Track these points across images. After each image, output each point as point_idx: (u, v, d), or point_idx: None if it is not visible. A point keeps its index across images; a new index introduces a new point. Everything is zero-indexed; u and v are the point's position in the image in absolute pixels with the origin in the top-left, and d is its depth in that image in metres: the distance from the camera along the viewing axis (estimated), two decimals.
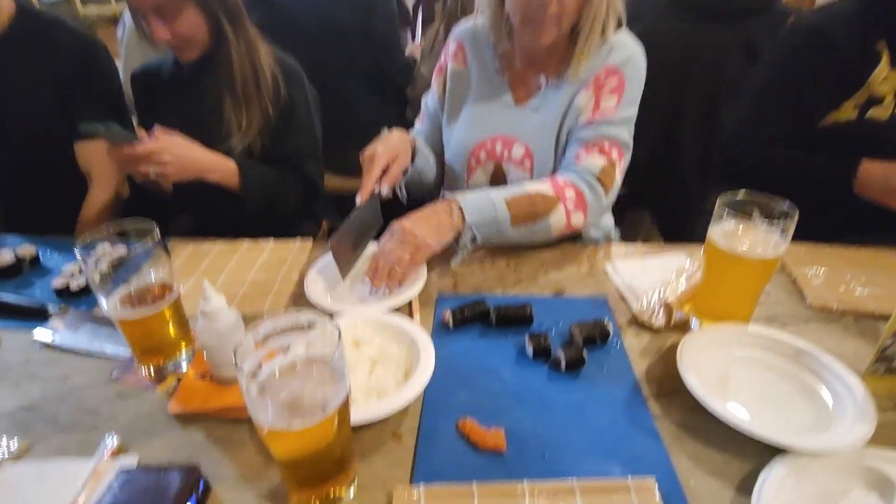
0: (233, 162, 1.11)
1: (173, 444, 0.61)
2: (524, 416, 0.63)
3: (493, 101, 1.07)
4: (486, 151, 1.07)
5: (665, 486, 0.53)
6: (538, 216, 0.90)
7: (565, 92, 1.00)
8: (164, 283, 0.69)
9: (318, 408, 0.45)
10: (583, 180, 0.95)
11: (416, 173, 1.08)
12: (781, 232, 0.67)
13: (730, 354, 0.69)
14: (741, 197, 0.70)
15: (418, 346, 0.69)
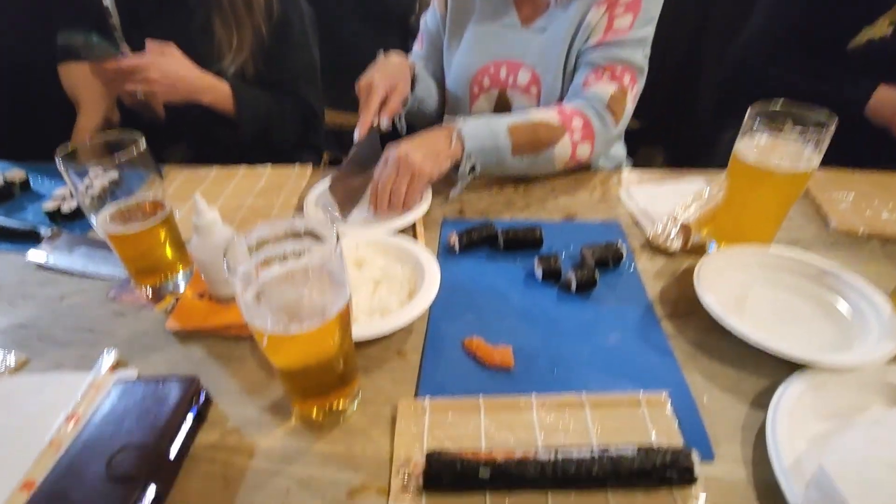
0: (226, 84, 1.05)
1: (172, 360, 0.59)
2: (532, 336, 0.61)
3: (498, 22, 0.99)
4: (489, 77, 1.00)
5: (678, 401, 0.52)
6: (541, 146, 0.85)
7: (575, 10, 0.91)
8: (156, 201, 0.66)
9: (317, 313, 0.43)
10: (591, 108, 0.89)
11: (417, 103, 1.02)
12: (815, 145, 0.62)
13: (749, 275, 0.66)
14: (774, 107, 0.64)
15: (423, 266, 0.66)
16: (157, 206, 0.66)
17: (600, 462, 0.43)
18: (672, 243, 0.74)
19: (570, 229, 0.80)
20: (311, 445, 0.49)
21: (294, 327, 0.42)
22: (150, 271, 0.68)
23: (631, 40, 0.89)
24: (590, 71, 0.91)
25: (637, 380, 0.54)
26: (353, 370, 0.52)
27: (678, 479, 0.43)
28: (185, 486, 0.46)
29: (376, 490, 0.45)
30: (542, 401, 0.51)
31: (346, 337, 0.48)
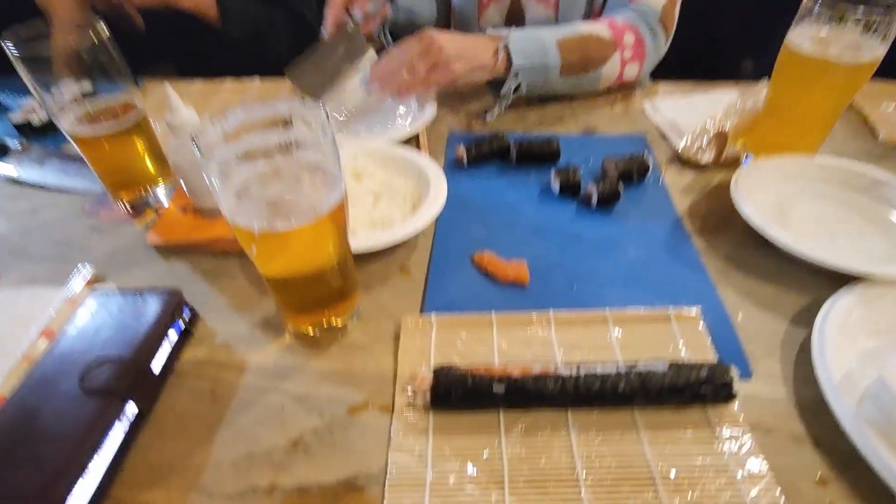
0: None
1: (155, 276, 0.54)
2: (549, 251, 0.55)
3: None
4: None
5: (710, 318, 0.47)
6: (591, 64, 0.76)
7: None
8: (128, 103, 0.58)
9: (308, 210, 0.37)
10: (644, 23, 0.79)
11: (406, 13, 0.91)
12: (881, 32, 0.53)
13: (792, 187, 0.59)
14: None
15: (428, 177, 0.60)
16: (128, 108, 0.58)
17: (627, 378, 0.39)
18: (703, 155, 0.67)
19: (590, 143, 0.73)
20: (307, 362, 0.45)
21: (281, 224, 0.36)
22: (128, 184, 0.62)
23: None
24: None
25: (665, 296, 0.49)
26: (352, 284, 0.47)
27: (714, 395, 0.39)
28: (170, 403, 0.42)
29: (379, 407, 0.41)
30: (562, 317, 0.47)
31: (341, 242, 0.42)
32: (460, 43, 0.71)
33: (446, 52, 0.69)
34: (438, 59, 0.69)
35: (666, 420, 0.39)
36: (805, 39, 0.56)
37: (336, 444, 0.39)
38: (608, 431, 0.39)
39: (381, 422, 0.40)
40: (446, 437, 0.39)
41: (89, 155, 0.59)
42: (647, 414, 0.40)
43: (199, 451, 0.39)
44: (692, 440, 0.38)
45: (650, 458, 0.37)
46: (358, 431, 0.40)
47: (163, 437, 0.40)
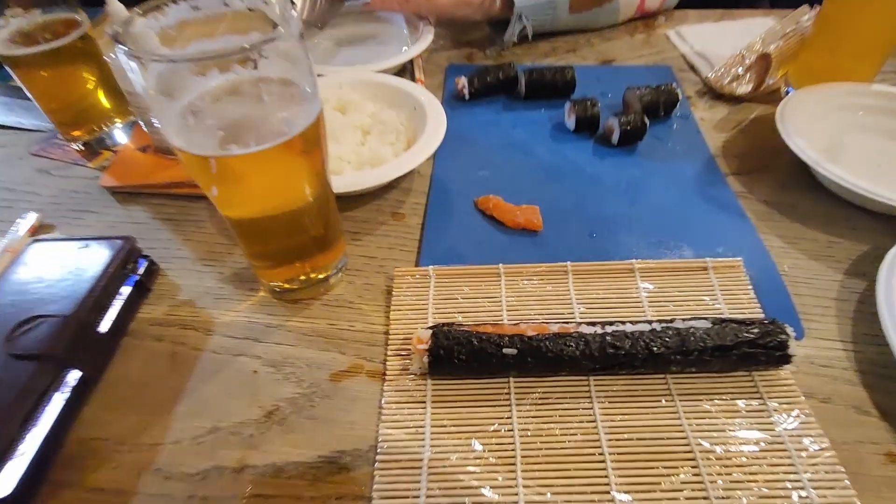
0: None
1: (110, 223, 0.47)
2: (564, 195, 0.48)
3: None
4: None
5: (754, 269, 0.40)
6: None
7: None
8: (69, 18, 0.49)
9: (274, 130, 0.29)
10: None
11: None
12: None
13: (844, 120, 0.51)
14: None
15: (424, 109, 0.51)
16: (70, 25, 0.49)
17: (663, 337, 0.32)
18: (740, 86, 0.58)
19: (610, 74, 0.64)
20: (284, 322, 0.39)
21: (239, 147, 0.29)
22: (79, 120, 0.53)
23: None
24: None
25: (699, 245, 0.43)
26: (335, 232, 0.40)
27: (766, 358, 0.33)
28: (122, 370, 0.36)
29: (367, 373, 0.35)
30: (581, 268, 0.40)
31: (319, 178, 0.35)
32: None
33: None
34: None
35: (705, 387, 0.33)
36: None
37: (317, 416, 0.33)
38: (638, 401, 0.33)
39: (370, 390, 0.34)
40: (447, 409, 0.33)
41: (29, 83, 0.50)
42: (682, 380, 0.34)
43: (155, 424, 0.33)
44: (737, 411, 0.32)
45: (688, 431, 0.31)
46: (343, 401, 0.34)
47: (112, 409, 0.34)
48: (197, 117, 0.30)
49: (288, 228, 0.36)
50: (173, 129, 0.29)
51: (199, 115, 0.30)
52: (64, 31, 0.49)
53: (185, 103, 0.30)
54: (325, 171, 0.35)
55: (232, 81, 0.30)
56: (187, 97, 0.30)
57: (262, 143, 0.29)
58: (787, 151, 0.46)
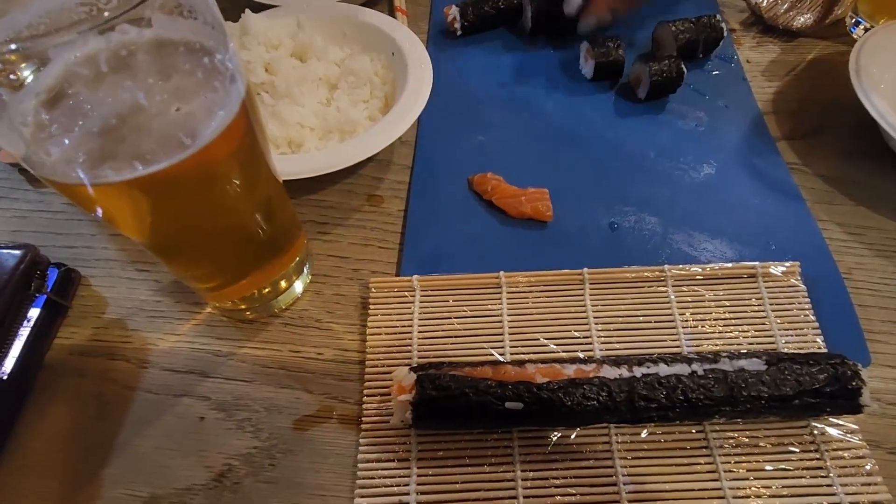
0: None
1: (14, 211, 0.38)
2: (579, 171, 0.39)
3: None
4: None
5: (812, 271, 0.33)
6: None
7: None
8: None
9: (174, 135, 0.20)
10: None
11: None
12: None
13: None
14: None
15: (405, 57, 0.41)
16: None
17: (705, 386, 0.26)
18: (798, 17, 0.47)
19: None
20: (236, 348, 0.32)
21: (120, 173, 0.20)
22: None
23: None
24: None
25: (746, 240, 0.35)
26: (290, 229, 0.32)
27: (833, 407, 0.26)
28: (38, 418, 0.29)
29: (339, 418, 0.29)
30: (600, 276, 0.32)
31: (253, 176, 0.26)
32: None
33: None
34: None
35: (750, 438, 0.27)
36: None
37: (278, 479, 0.27)
38: (669, 455, 0.27)
39: (343, 441, 0.28)
40: (436, 468, 0.27)
41: None
42: (723, 429, 0.28)
43: (79, 493, 0.27)
44: (789, 470, 0.26)
45: (729, 497, 0.26)
46: (310, 457, 0.28)
47: (26, 474, 0.28)
48: (54, 117, 0.20)
49: (220, 242, 0.28)
50: (22, 134, 0.20)
51: (58, 113, 0.20)
52: None
53: (41, 89, 0.20)
54: (264, 161, 0.26)
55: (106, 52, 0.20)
56: (43, 77, 0.20)
57: (161, 156, 0.20)
58: (853, 109, 0.37)
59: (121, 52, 0.19)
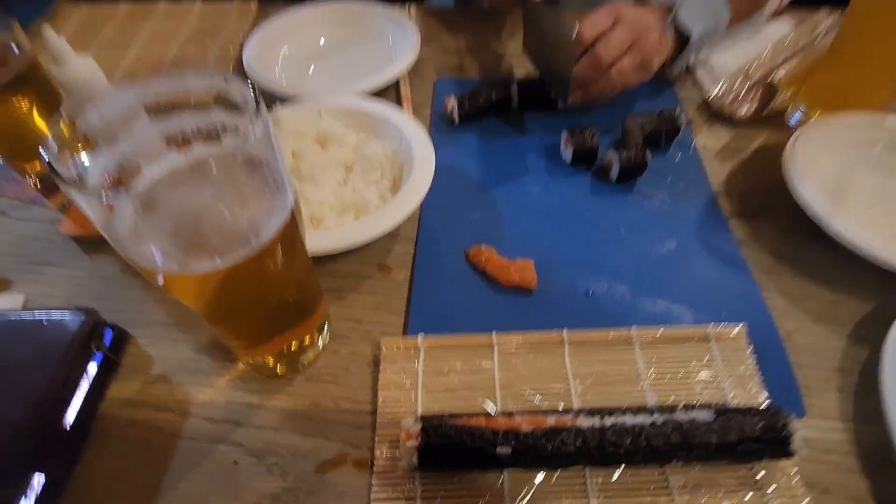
0: None
1: (73, 277, 0.44)
2: (560, 242, 0.45)
3: None
4: None
5: (756, 335, 0.38)
6: (756, 6, 0.61)
7: None
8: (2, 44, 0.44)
9: (241, 237, 0.26)
10: None
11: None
12: None
13: (856, 157, 0.49)
14: None
15: (411, 144, 0.48)
16: (4, 55, 0.44)
17: (665, 432, 0.31)
18: (741, 107, 0.55)
19: None
20: (265, 400, 0.37)
21: (200, 264, 0.26)
22: (28, 152, 0.49)
23: None
24: None
25: (701, 304, 0.41)
26: (315, 296, 0.37)
27: (769, 452, 0.31)
28: (95, 463, 0.34)
29: (353, 462, 0.34)
30: (577, 337, 0.38)
31: (294, 258, 0.32)
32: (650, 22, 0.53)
33: (652, 39, 0.52)
34: (650, 52, 0.52)
35: (705, 478, 0.32)
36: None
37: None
38: (635, 494, 0.32)
39: (357, 483, 0.33)
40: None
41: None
42: (681, 471, 0.32)
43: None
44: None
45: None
46: (329, 497, 0.32)
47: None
48: (150, 216, 0.26)
49: (260, 309, 0.33)
50: (121, 230, 0.26)
51: (153, 214, 0.27)
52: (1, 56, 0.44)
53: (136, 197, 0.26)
54: (299, 244, 0.32)
55: (185, 166, 0.26)
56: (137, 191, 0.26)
57: (229, 255, 0.26)
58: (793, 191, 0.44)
59: (197, 165, 0.26)
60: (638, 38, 0.51)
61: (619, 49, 0.51)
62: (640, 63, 0.52)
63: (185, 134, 0.28)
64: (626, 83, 0.53)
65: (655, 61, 0.53)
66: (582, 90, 0.53)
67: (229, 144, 0.25)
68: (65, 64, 0.39)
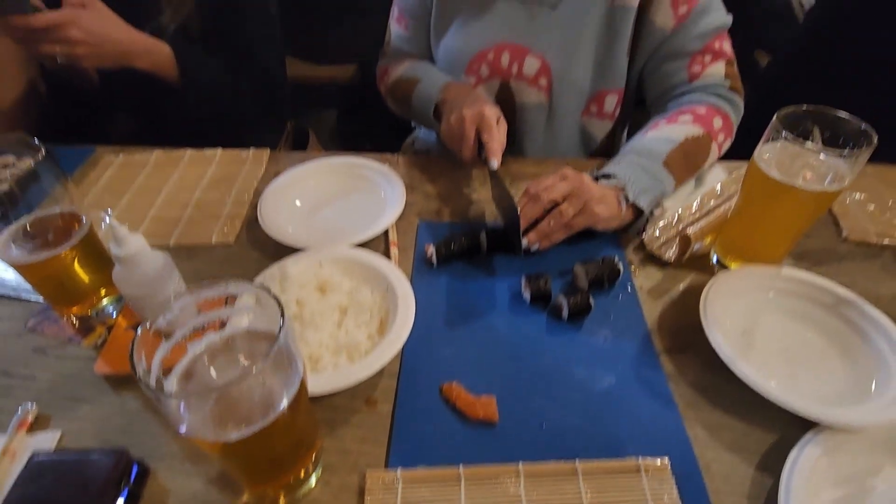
0: (166, 45, 0.89)
1: (103, 414, 0.51)
2: (519, 378, 0.54)
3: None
4: (487, 65, 0.84)
5: (679, 464, 0.46)
6: (696, 167, 0.74)
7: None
8: (71, 213, 0.55)
9: (260, 411, 0.35)
10: (721, 98, 0.77)
11: None
12: (849, 161, 0.53)
13: (759, 302, 0.60)
14: (803, 112, 0.55)
15: (395, 291, 0.58)
16: (72, 221, 0.55)
17: None
18: (668, 252, 0.67)
19: None
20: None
21: (233, 434, 0.34)
22: (73, 299, 0.58)
23: (705, 1, 0.76)
24: (688, 61, 0.78)
25: (635, 435, 0.49)
26: (313, 433, 0.45)
27: None
28: None
29: None
30: (531, 469, 0.46)
31: (300, 413, 0.40)
32: (602, 193, 0.65)
33: (592, 192, 0.63)
34: (586, 200, 0.63)
35: None
36: (771, 160, 0.56)
37: None
38: None
39: None
40: None
41: (28, 275, 0.55)
42: None
43: None
44: None
45: None
46: None
47: None
48: (190, 405, 0.35)
49: (268, 450, 0.41)
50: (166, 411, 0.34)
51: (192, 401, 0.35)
52: (66, 228, 0.54)
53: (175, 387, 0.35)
54: (305, 403, 0.40)
55: (218, 342, 0.36)
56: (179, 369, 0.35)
57: (254, 426, 0.34)
58: None
59: (227, 341, 0.35)
60: (578, 188, 0.63)
61: (558, 192, 0.63)
62: (581, 208, 0.63)
63: (223, 324, 0.38)
64: (569, 225, 0.64)
65: (598, 209, 0.64)
66: (533, 232, 0.65)
67: (258, 336, 0.34)
68: (123, 244, 0.49)
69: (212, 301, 0.37)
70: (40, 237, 0.53)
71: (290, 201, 0.75)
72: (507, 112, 0.82)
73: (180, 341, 0.37)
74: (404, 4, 0.92)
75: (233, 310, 0.38)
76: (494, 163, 0.69)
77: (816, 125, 0.56)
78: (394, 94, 0.92)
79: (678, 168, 0.70)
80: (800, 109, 0.56)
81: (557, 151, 0.91)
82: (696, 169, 0.74)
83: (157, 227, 0.72)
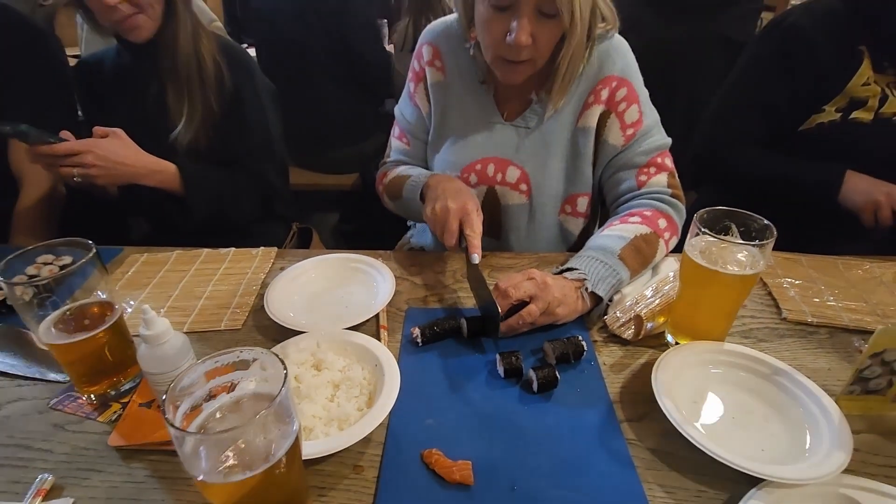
0: (172, 165, 1.05)
1: (113, 483, 0.56)
2: (493, 445, 0.60)
3: (481, 119, 0.98)
4: (476, 174, 0.99)
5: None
6: (648, 261, 0.85)
7: (567, 113, 0.94)
8: (105, 302, 0.64)
9: (261, 457, 0.41)
10: (663, 203, 0.90)
11: None
12: (760, 250, 0.64)
13: (705, 374, 0.67)
14: (717, 212, 0.67)
15: (383, 368, 0.65)
16: (106, 309, 0.63)
17: None
18: (627, 331, 0.75)
19: None
20: None
21: (237, 476, 0.40)
22: (97, 378, 0.65)
23: (649, 125, 0.92)
24: (636, 172, 0.92)
25: (598, 496, 0.54)
26: (304, 496, 0.50)
27: None
28: None
29: None
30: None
31: (294, 469, 0.46)
32: (562, 289, 0.74)
33: (554, 294, 0.72)
34: (551, 301, 0.72)
35: None
36: (697, 251, 0.67)
37: None
38: None
39: None
40: None
41: (61, 355, 0.62)
42: None
43: None
44: None
45: None
46: None
47: None
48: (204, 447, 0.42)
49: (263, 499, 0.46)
50: (182, 455, 0.41)
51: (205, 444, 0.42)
52: (100, 314, 0.63)
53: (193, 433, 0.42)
54: (298, 458, 0.46)
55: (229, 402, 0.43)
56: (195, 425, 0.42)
57: (255, 469, 0.41)
58: None
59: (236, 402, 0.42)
60: (542, 291, 0.73)
61: (523, 292, 0.72)
62: (544, 310, 0.72)
63: (233, 387, 0.45)
64: (535, 322, 0.73)
65: (558, 310, 0.73)
66: (503, 325, 0.73)
67: (262, 397, 0.42)
68: (151, 325, 0.57)
69: (224, 367, 0.45)
70: (77, 322, 0.61)
71: (293, 290, 0.85)
72: (494, 212, 0.97)
73: (198, 400, 0.44)
74: (406, 126, 1.08)
75: (243, 373, 0.46)
76: (476, 257, 0.79)
77: (732, 222, 0.67)
78: (389, 192, 1.05)
79: (631, 260, 0.81)
80: (718, 210, 0.68)
81: (539, 245, 1.03)
82: (647, 261, 0.85)
83: (172, 315, 0.81)
